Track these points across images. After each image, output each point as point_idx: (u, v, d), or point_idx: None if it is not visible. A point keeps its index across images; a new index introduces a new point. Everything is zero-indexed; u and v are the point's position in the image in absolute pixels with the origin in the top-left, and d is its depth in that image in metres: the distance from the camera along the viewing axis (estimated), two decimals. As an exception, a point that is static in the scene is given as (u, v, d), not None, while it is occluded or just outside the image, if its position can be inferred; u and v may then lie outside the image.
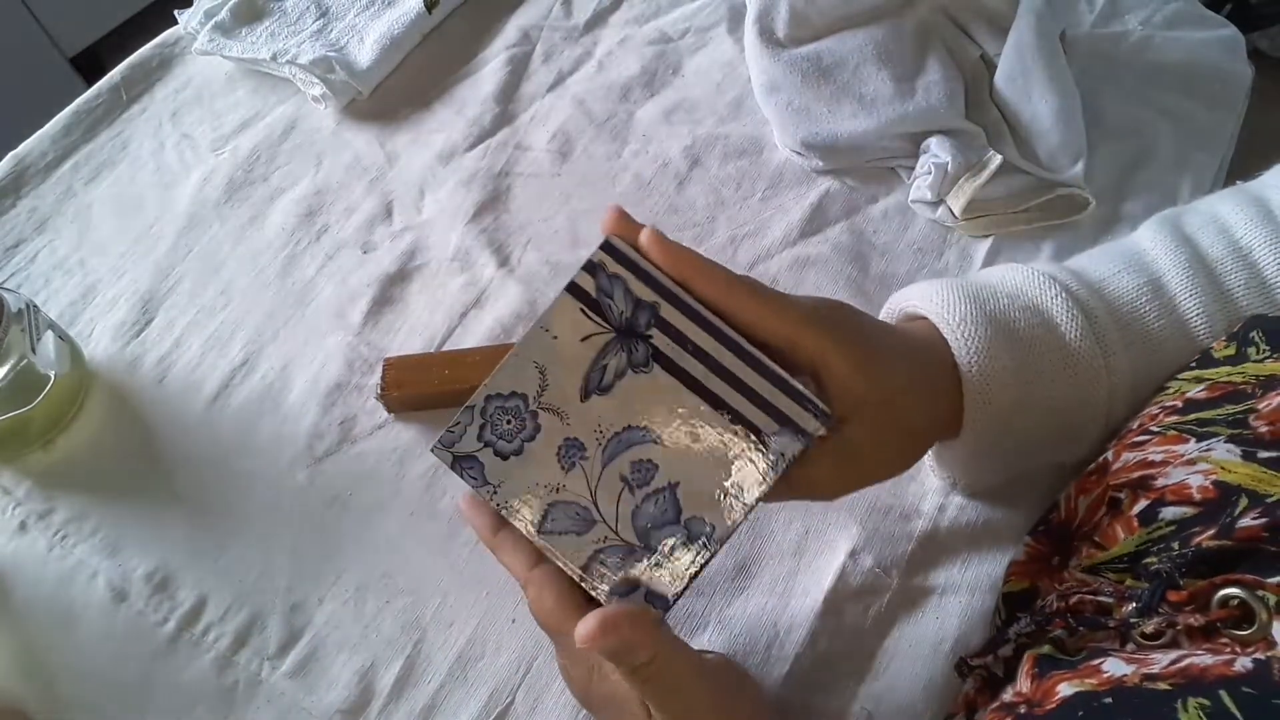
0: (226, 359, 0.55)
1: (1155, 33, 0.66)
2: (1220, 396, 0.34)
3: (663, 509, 0.33)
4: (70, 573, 0.47)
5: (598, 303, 0.33)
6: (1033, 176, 0.56)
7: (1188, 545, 0.31)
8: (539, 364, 0.33)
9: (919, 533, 0.45)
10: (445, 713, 0.43)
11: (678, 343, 0.33)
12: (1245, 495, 0.30)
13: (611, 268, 0.33)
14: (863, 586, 0.44)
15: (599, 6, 0.72)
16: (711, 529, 0.32)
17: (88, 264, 0.60)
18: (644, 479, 0.33)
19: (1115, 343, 0.38)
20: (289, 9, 0.71)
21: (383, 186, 0.62)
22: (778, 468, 0.32)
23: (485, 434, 0.33)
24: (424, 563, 0.47)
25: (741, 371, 0.33)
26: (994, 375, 0.37)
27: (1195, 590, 0.30)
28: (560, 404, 0.33)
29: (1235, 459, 0.30)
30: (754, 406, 0.32)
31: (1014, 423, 0.38)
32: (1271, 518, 0.28)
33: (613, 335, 0.33)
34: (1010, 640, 0.35)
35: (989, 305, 0.39)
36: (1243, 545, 0.29)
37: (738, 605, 0.44)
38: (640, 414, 0.33)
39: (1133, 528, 0.33)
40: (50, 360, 0.49)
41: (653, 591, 0.32)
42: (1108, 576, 0.34)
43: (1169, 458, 0.33)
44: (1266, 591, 0.28)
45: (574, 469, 0.33)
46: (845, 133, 0.58)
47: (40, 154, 0.65)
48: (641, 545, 0.32)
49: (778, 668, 0.42)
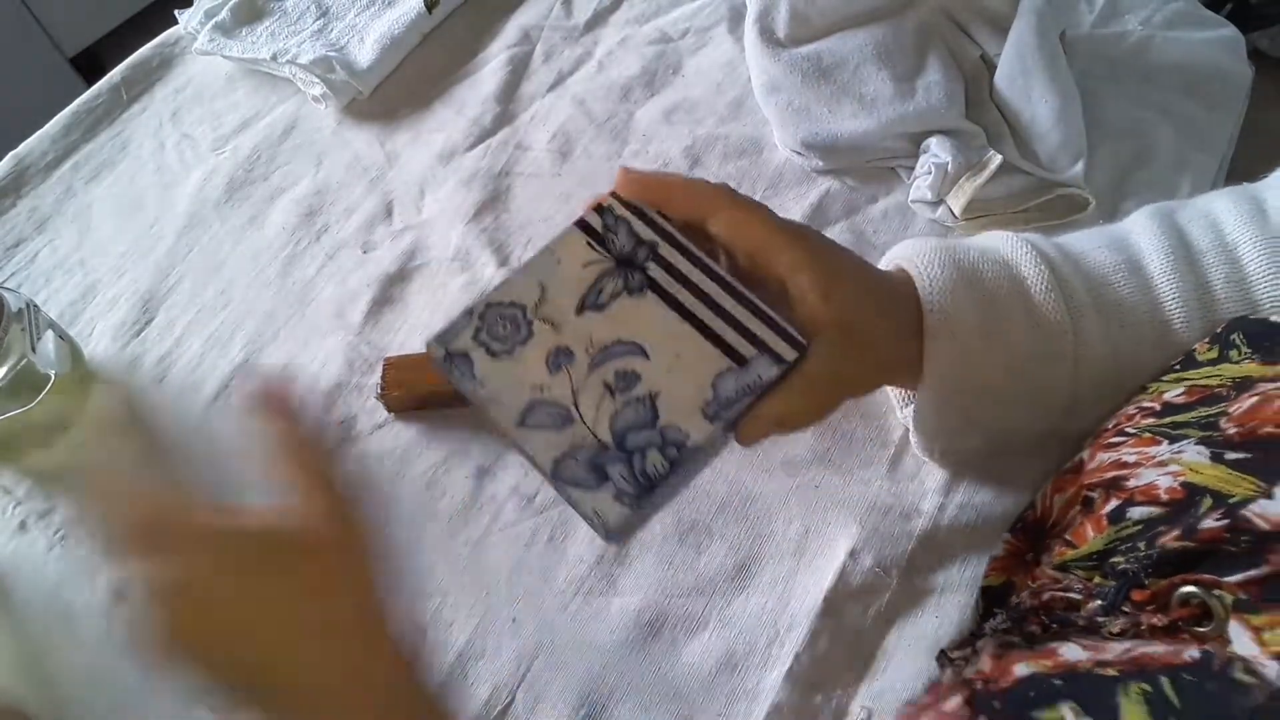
0: (227, 358, 0.55)
1: (1155, 33, 0.66)
2: (1196, 400, 0.34)
3: (640, 415, 0.34)
4: (70, 572, 0.47)
5: (603, 237, 0.37)
6: (1033, 176, 0.56)
7: (1153, 545, 0.31)
8: (541, 282, 0.36)
9: (919, 532, 0.45)
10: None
11: (671, 275, 0.36)
12: (1210, 496, 0.30)
13: (619, 211, 0.37)
14: (863, 586, 0.44)
15: (599, 6, 0.72)
16: (686, 436, 0.33)
17: (88, 263, 0.60)
18: (626, 387, 0.34)
19: (1085, 305, 0.39)
20: (289, 9, 0.71)
21: (383, 186, 0.62)
22: (754, 389, 0.34)
23: (480, 336, 0.35)
24: (424, 562, 0.47)
25: (728, 304, 0.35)
26: (956, 314, 0.38)
27: (1157, 590, 0.31)
28: (555, 316, 0.35)
29: (1204, 460, 0.31)
30: (736, 334, 0.35)
31: (977, 367, 0.39)
32: (1232, 519, 0.29)
33: (612, 264, 0.36)
34: (987, 635, 0.36)
35: (959, 256, 0.40)
36: (1205, 545, 0.30)
37: (738, 604, 0.44)
38: (630, 331, 0.35)
39: (1102, 526, 0.34)
40: (50, 360, 0.49)
41: (620, 489, 0.33)
42: (1077, 574, 0.34)
43: (1141, 459, 0.33)
44: (1223, 590, 0.29)
45: (560, 372, 0.34)
46: (845, 133, 0.58)
47: (40, 154, 0.65)
48: (615, 445, 0.33)
49: (777, 666, 0.42)
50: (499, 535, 0.47)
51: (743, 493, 0.47)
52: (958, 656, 0.38)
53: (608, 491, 0.32)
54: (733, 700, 0.42)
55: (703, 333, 0.35)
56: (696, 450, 0.33)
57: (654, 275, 0.36)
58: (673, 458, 0.33)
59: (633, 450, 0.33)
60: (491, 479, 0.49)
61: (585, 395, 0.34)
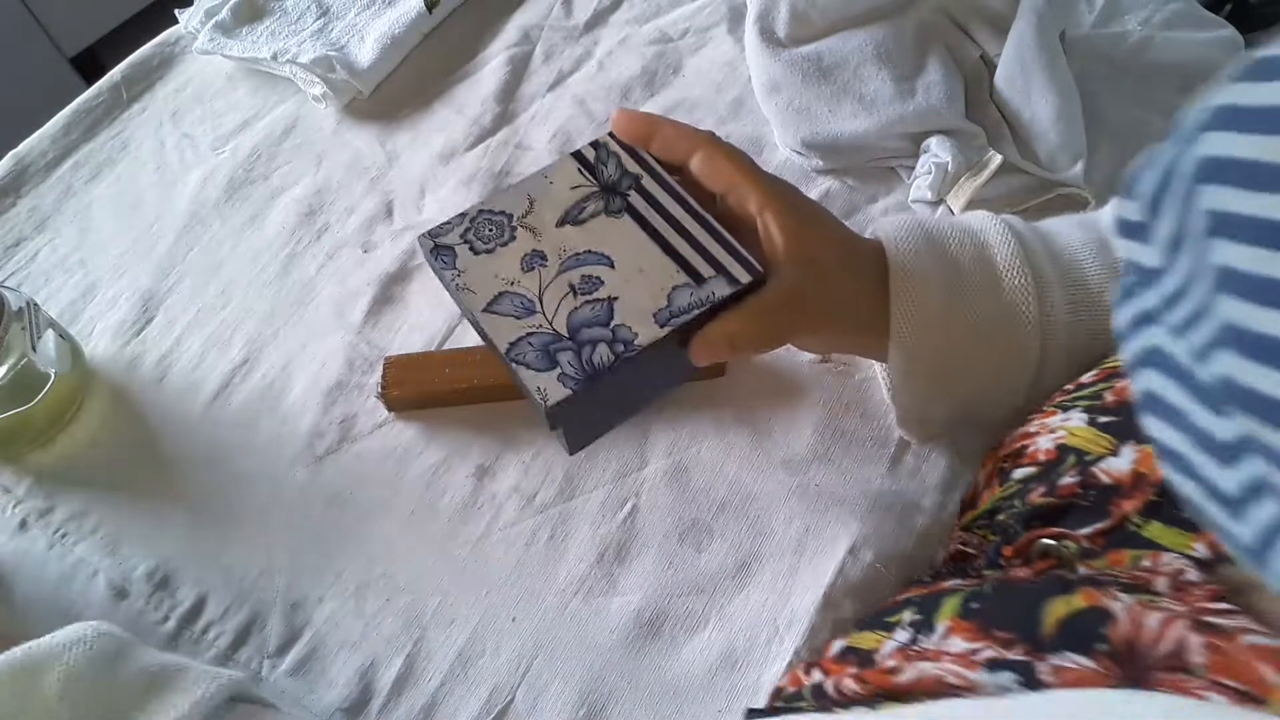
0: (227, 358, 0.55)
1: (1155, 33, 0.66)
2: (1101, 378, 0.36)
3: (597, 313, 0.37)
4: (70, 571, 0.47)
5: (594, 168, 0.41)
6: (1033, 176, 0.56)
7: (1025, 502, 0.34)
8: (530, 196, 0.40)
9: (919, 529, 0.45)
10: (445, 711, 0.43)
11: (649, 203, 0.40)
12: (1074, 455, 0.33)
13: (612, 147, 0.41)
14: (863, 583, 0.44)
15: (599, 6, 0.72)
16: (635, 336, 0.36)
17: (88, 263, 0.60)
18: (588, 290, 0.38)
19: (1049, 275, 0.40)
20: (289, 8, 0.71)
21: (383, 186, 0.62)
22: (705, 303, 0.37)
23: (468, 235, 0.40)
24: (424, 561, 0.47)
25: (696, 231, 0.39)
26: (919, 272, 0.40)
27: (1019, 545, 0.33)
28: (537, 226, 0.40)
29: (1082, 425, 0.34)
30: (699, 256, 0.38)
31: (940, 326, 0.40)
32: (1084, 475, 0.32)
33: (597, 189, 0.40)
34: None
35: (930, 227, 0.42)
36: (1064, 500, 0.32)
37: (738, 602, 0.44)
38: (601, 244, 0.39)
39: (994, 489, 0.37)
40: (50, 359, 0.49)
41: (566, 373, 0.36)
42: (976, 532, 0.37)
43: (1040, 430, 0.36)
44: (1070, 540, 0.31)
45: (531, 272, 0.38)
46: (845, 132, 0.58)
47: (40, 153, 0.65)
48: (569, 336, 0.36)
49: (777, 664, 0.42)
50: (499, 535, 0.47)
51: (743, 492, 0.47)
52: None
53: (554, 374, 0.35)
54: (733, 698, 0.42)
55: (668, 253, 0.38)
56: (642, 350, 0.36)
57: (633, 202, 0.40)
58: (619, 353, 0.36)
59: (584, 343, 0.36)
60: (491, 479, 0.49)
61: (550, 292, 0.38)
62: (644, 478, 0.48)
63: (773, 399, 0.49)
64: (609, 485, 0.48)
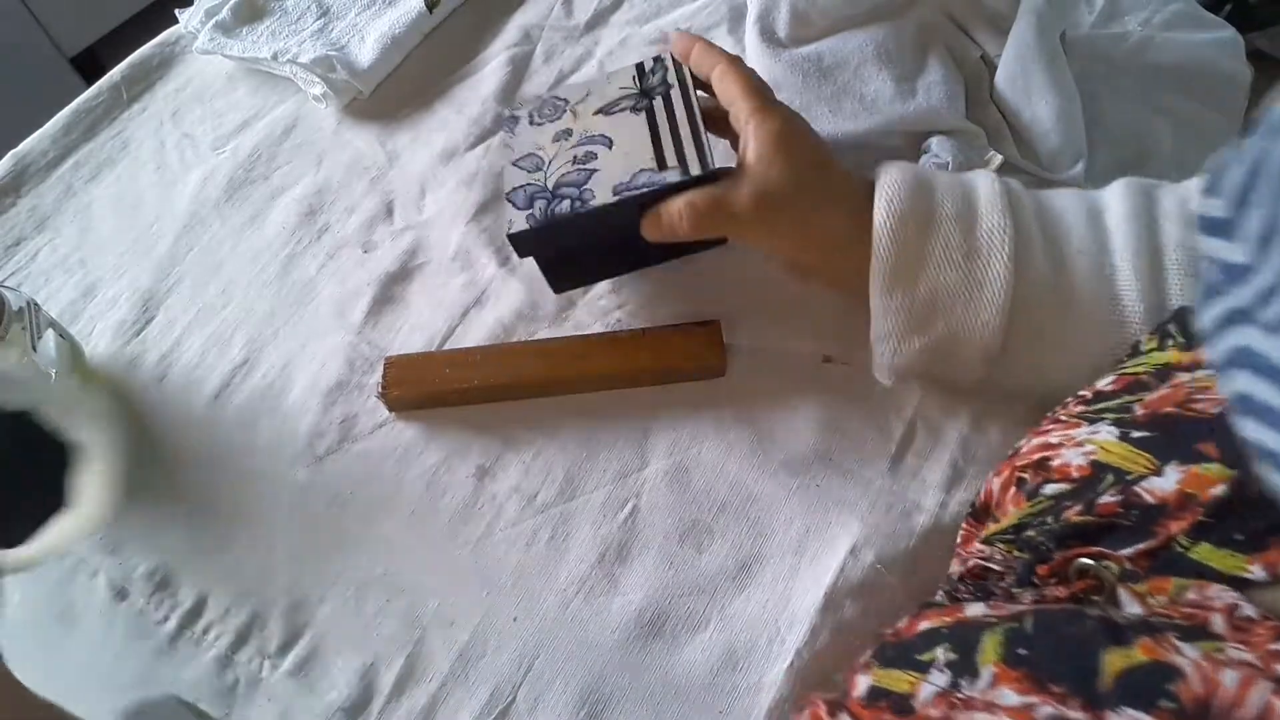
0: (227, 358, 0.55)
1: (1155, 34, 0.66)
2: (1122, 388, 0.35)
3: (577, 179, 0.46)
4: (70, 571, 0.47)
5: (644, 76, 0.50)
6: (1033, 177, 0.56)
7: (1060, 519, 0.33)
8: (589, 89, 0.51)
9: (920, 529, 0.45)
10: (446, 711, 0.43)
11: (665, 108, 0.48)
12: (1112, 473, 0.32)
13: (666, 62, 0.50)
14: (864, 583, 0.44)
15: (600, 6, 0.72)
16: (593, 198, 0.45)
17: (88, 263, 0.60)
18: (584, 161, 0.47)
19: (1031, 227, 0.42)
20: (290, 8, 0.71)
21: (383, 186, 0.62)
22: (656, 184, 0.45)
23: (533, 111, 0.51)
24: (425, 561, 0.47)
25: (684, 133, 0.46)
26: (899, 197, 0.42)
27: (1056, 564, 0.33)
28: (581, 111, 0.50)
29: (1113, 440, 0.33)
30: (674, 150, 0.46)
31: (916, 255, 0.42)
32: (1127, 494, 0.31)
33: (637, 91, 0.49)
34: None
35: (921, 169, 0.45)
36: (1103, 520, 0.32)
37: (739, 603, 0.44)
38: (612, 131, 0.48)
39: (1020, 503, 0.36)
40: (51, 358, 0.49)
41: (533, 214, 0.46)
42: (999, 547, 0.36)
43: (1064, 441, 0.35)
44: (1110, 561, 0.31)
45: (557, 143, 0.49)
46: (846, 132, 0.58)
47: (41, 153, 0.65)
48: (550, 190, 0.46)
49: (778, 664, 0.42)
50: (500, 535, 0.47)
51: (743, 492, 0.47)
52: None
53: (525, 214, 0.46)
54: (734, 698, 0.42)
55: (653, 144, 0.46)
56: (594, 210, 0.45)
57: (654, 104, 0.48)
58: (575, 209, 0.45)
59: (558, 197, 0.46)
60: (492, 479, 0.49)
61: (559, 159, 0.48)
62: (645, 478, 0.48)
63: (773, 399, 0.49)
64: (610, 485, 0.48)
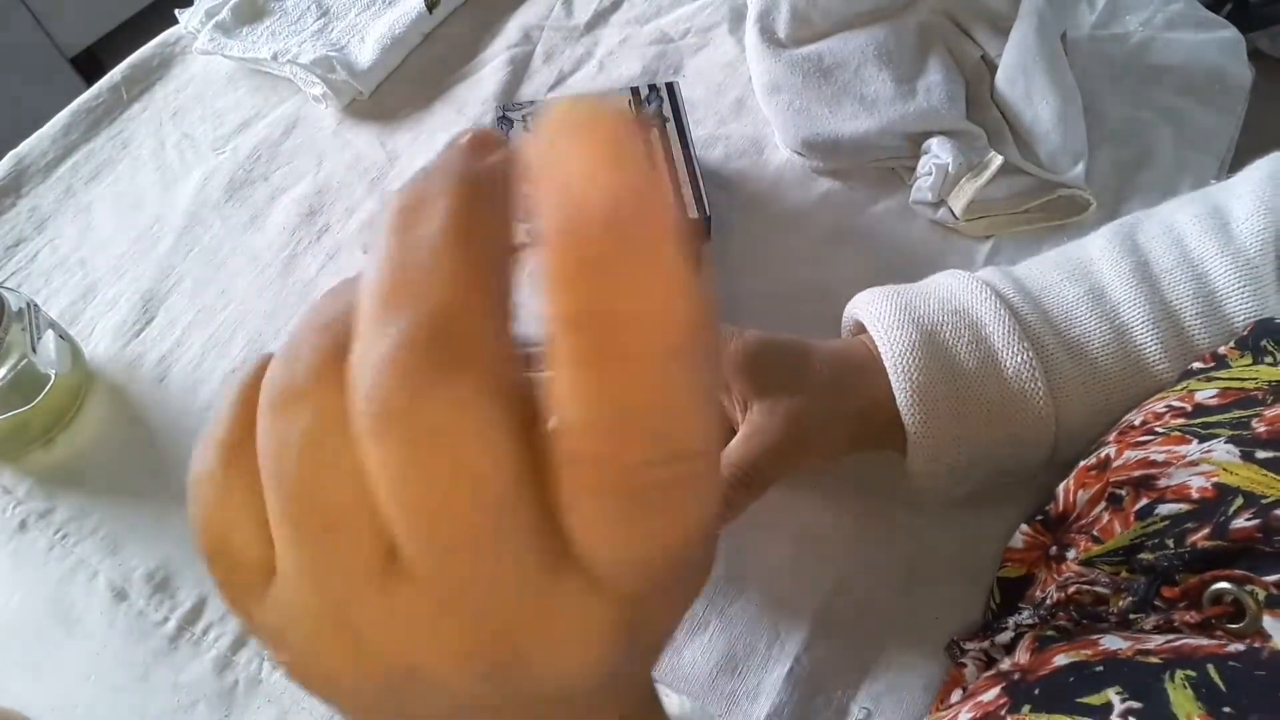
0: (227, 358, 0.55)
1: (1156, 34, 0.66)
2: (1231, 402, 0.34)
3: None
4: (70, 572, 0.47)
5: (640, 102, 0.54)
6: (1034, 177, 0.56)
7: (1182, 542, 0.31)
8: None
9: (920, 530, 0.45)
10: (446, 713, 0.43)
11: (661, 143, 0.52)
12: (1241, 496, 0.30)
13: (662, 93, 0.55)
14: (864, 585, 0.44)
15: (600, 6, 0.72)
16: None
17: (88, 263, 0.60)
18: None
19: (1053, 347, 0.39)
20: (290, 8, 0.70)
21: (384, 186, 0.62)
22: None
23: (527, 117, 0.53)
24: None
25: (682, 175, 0.51)
26: (924, 384, 0.39)
27: (1187, 586, 0.31)
28: None
29: (1235, 460, 0.31)
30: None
31: (956, 417, 0.39)
32: (1265, 519, 0.29)
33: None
34: (1009, 629, 0.36)
35: (917, 314, 0.41)
36: (1237, 545, 0.30)
37: (738, 606, 0.44)
38: None
39: (1129, 522, 0.34)
40: (51, 359, 0.49)
41: None
42: (1103, 569, 0.35)
43: (1171, 459, 0.33)
44: (1255, 586, 0.28)
45: None
46: (846, 133, 0.58)
47: (40, 153, 0.65)
48: None
49: (778, 668, 0.42)
50: (499, 535, 0.47)
51: (743, 493, 0.47)
52: (972, 648, 0.38)
53: None
54: (733, 702, 0.42)
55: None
56: None
57: (650, 137, 0.51)
58: None
59: None
60: (492, 479, 0.49)
61: None
62: (644, 479, 0.48)
63: (773, 400, 0.49)
64: (609, 486, 0.48)
